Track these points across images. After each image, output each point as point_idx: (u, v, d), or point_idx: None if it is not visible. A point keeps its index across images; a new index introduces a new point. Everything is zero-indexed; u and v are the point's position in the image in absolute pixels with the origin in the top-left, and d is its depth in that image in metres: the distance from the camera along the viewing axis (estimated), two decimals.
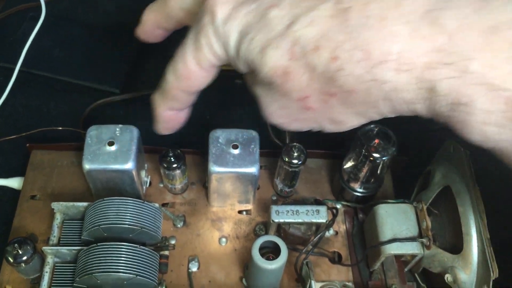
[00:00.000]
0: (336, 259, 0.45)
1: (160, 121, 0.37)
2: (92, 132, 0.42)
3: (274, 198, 0.48)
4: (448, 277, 0.39)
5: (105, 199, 0.39)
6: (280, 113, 0.32)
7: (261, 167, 0.48)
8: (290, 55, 0.28)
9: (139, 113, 0.56)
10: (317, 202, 0.46)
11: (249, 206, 0.47)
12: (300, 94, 0.29)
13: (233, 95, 0.57)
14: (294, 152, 0.43)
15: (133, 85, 0.57)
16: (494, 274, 0.36)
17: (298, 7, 0.28)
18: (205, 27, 0.31)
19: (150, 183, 0.48)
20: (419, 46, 0.25)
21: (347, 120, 0.30)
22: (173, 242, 0.44)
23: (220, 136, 0.43)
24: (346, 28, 0.26)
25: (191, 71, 0.33)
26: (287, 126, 0.33)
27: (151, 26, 0.38)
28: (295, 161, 0.43)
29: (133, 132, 0.42)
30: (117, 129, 0.42)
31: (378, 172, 0.44)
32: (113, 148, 0.41)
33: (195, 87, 0.34)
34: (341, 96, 0.28)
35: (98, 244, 0.37)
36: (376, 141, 0.42)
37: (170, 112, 0.37)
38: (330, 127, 0.31)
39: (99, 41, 0.59)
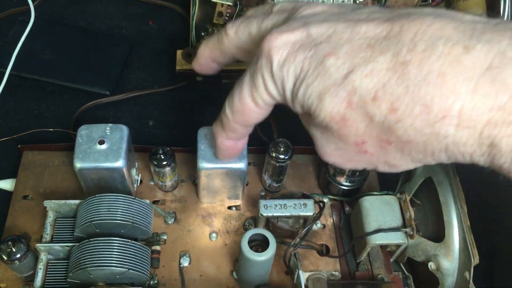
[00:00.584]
0: (324, 251, 0.46)
1: (219, 149, 0.39)
2: (83, 132, 0.43)
3: (263, 193, 0.49)
4: (431, 265, 0.40)
5: (96, 195, 0.40)
6: (336, 154, 0.33)
7: (249, 163, 0.49)
8: (348, 104, 0.29)
9: (129, 114, 0.57)
10: (305, 197, 0.47)
11: (238, 202, 0.48)
12: (357, 139, 0.30)
13: (220, 95, 0.58)
14: (281, 148, 0.45)
15: (123, 87, 0.58)
16: (475, 260, 0.38)
17: (356, 57, 0.28)
18: (261, 69, 0.32)
19: (141, 181, 0.49)
20: (481, 104, 0.25)
21: (402, 164, 0.31)
22: (164, 237, 0.45)
23: (208, 133, 0.44)
24: (405, 81, 0.27)
25: (247, 107, 0.34)
26: (342, 165, 0.34)
27: (206, 60, 0.40)
28: (282, 156, 0.44)
29: (123, 131, 0.43)
30: (107, 128, 0.43)
31: None
32: (103, 146, 0.42)
33: (251, 121, 0.36)
34: (399, 145, 0.29)
35: (91, 239, 0.38)
36: None
37: (229, 142, 0.38)
38: (384, 169, 0.32)
39: (88, 43, 0.60)
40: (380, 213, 0.43)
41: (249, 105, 0.34)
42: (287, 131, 0.54)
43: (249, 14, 0.39)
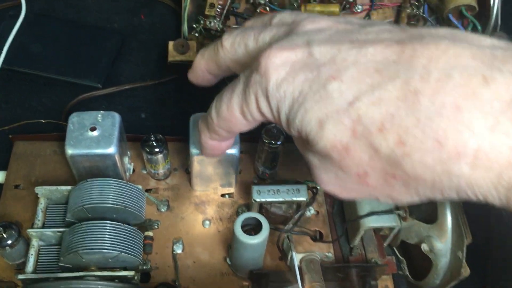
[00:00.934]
0: (317, 237, 0.46)
1: (203, 146, 0.38)
2: (74, 119, 0.43)
3: (256, 181, 0.49)
4: (424, 247, 0.41)
5: (88, 180, 0.40)
6: (335, 183, 0.30)
7: (241, 151, 0.49)
8: (352, 133, 0.26)
9: (121, 107, 0.57)
10: (298, 183, 0.47)
11: (231, 190, 0.48)
12: (359, 170, 0.28)
13: (212, 86, 0.58)
14: (273, 133, 0.45)
15: (115, 79, 0.58)
16: (468, 239, 0.38)
17: (362, 83, 0.26)
18: (255, 85, 0.30)
19: (134, 170, 0.48)
20: (500, 143, 0.23)
21: (406, 198, 0.28)
22: (158, 224, 0.45)
23: None
24: (416, 112, 0.25)
25: (234, 117, 0.32)
26: (340, 195, 0.31)
27: (202, 71, 0.38)
28: (274, 142, 0.44)
29: (115, 118, 0.43)
30: (99, 115, 0.43)
31: None
32: (95, 133, 0.42)
33: (236, 130, 0.34)
34: (405, 180, 0.27)
35: (82, 223, 0.38)
36: None
37: (212, 142, 0.37)
38: (386, 201, 0.30)
39: (80, 37, 0.60)
40: None
41: (237, 116, 0.32)
42: None
43: (247, 25, 0.37)
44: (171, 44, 0.55)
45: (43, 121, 0.53)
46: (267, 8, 0.56)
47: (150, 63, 0.60)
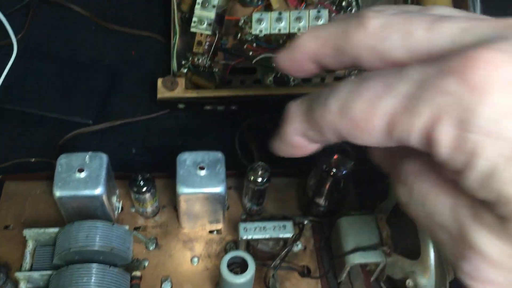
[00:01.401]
0: (305, 272, 0.47)
1: (282, 140, 0.27)
2: (62, 161, 0.43)
3: (244, 217, 0.50)
4: (409, 282, 0.41)
5: (74, 223, 0.41)
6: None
7: (229, 187, 0.50)
8: None
9: (112, 143, 0.58)
10: (285, 218, 0.48)
11: (219, 226, 0.49)
12: None
13: (202, 121, 0.59)
14: (258, 171, 0.45)
15: (106, 115, 0.59)
16: (450, 276, 0.38)
17: None
18: (446, 97, 0.19)
19: (122, 208, 0.49)
20: None
21: None
22: (145, 263, 0.45)
23: (187, 159, 0.45)
24: None
25: (370, 126, 0.21)
26: None
27: (307, 55, 0.26)
28: (259, 180, 0.45)
29: (103, 159, 0.44)
30: (87, 156, 0.44)
31: (341, 186, 0.46)
32: (82, 174, 0.42)
33: (355, 140, 0.22)
34: None
35: (69, 266, 0.38)
36: (335, 156, 0.44)
37: (300, 139, 0.26)
38: None
39: (71, 73, 0.61)
40: (358, 232, 0.44)
41: (375, 126, 0.21)
42: (265, 153, 0.55)
43: (378, 9, 0.24)
44: (159, 81, 0.56)
45: (33, 160, 0.53)
46: (254, 45, 0.57)
47: (141, 98, 0.61)
